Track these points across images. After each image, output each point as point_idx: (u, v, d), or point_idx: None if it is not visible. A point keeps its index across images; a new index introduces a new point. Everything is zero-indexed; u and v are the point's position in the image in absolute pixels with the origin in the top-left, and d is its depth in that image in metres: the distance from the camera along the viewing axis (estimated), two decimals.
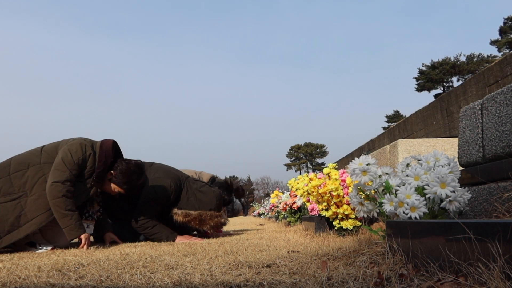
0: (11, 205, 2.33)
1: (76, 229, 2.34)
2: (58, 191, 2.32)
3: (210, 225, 2.90)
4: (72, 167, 2.39)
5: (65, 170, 2.37)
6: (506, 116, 1.49)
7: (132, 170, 2.58)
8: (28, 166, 2.44)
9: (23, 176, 2.40)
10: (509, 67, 9.31)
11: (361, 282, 0.97)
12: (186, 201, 2.89)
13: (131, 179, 2.57)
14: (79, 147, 2.46)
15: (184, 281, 1.12)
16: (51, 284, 1.15)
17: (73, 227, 2.33)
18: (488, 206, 1.46)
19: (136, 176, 2.60)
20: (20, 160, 2.46)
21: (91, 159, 2.49)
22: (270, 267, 1.28)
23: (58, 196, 2.31)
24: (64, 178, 2.35)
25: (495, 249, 0.76)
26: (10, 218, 2.31)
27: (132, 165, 2.59)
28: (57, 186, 2.32)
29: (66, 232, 2.33)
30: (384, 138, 17.01)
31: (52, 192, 2.31)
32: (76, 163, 2.41)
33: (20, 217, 2.33)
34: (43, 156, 2.48)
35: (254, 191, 60.60)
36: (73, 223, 2.33)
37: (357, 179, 1.44)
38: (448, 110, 12.18)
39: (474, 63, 33.56)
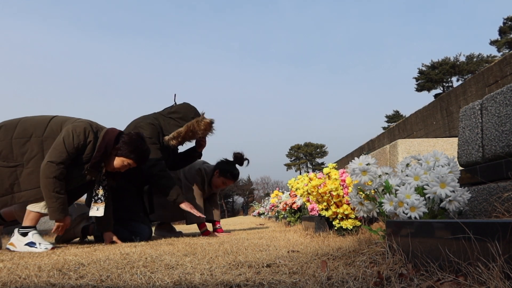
0: (8, 171, 2.39)
1: (58, 212, 2.38)
2: (51, 171, 2.34)
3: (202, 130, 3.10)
4: (70, 149, 2.41)
5: (63, 151, 2.38)
6: (505, 116, 1.49)
7: (135, 138, 2.59)
8: (31, 136, 2.46)
9: (24, 145, 2.43)
10: (508, 67, 9.31)
11: (361, 282, 0.97)
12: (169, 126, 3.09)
13: (137, 146, 2.57)
14: (83, 131, 2.46)
15: (184, 280, 1.12)
16: (51, 284, 1.15)
17: (55, 209, 2.37)
18: (487, 206, 1.46)
19: (140, 143, 2.60)
20: (25, 127, 2.48)
21: (91, 146, 2.49)
22: (270, 267, 1.28)
23: (49, 177, 2.34)
24: (60, 160, 2.37)
25: (495, 249, 0.76)
26: (5, 183, 2.38)
27: (134, 134, 2.61)
28: (51, 167, 2.34)
29: (49, 212, 2.39)
30: (384, 138, 17.02)
31: (45, 171, 2.34)
32: (75, 147, 2.42)
33: (14, 185, 2.40)
34: (48, 129, 2.49)
35: (254, 191, 60.58)
36: (57, 206, 2.37)
37: (357, 179, 1.44)
38: (448, 110, 12.18)
39: (473, 63, 33.57)
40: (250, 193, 60.12)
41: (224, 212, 56.15)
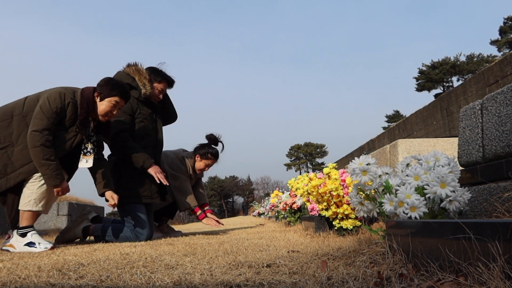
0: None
1: (53, 178, 2.40)
2: (36, 140, 2.35)
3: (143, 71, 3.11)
4: (50, 115, 2.41)
5: (43, 118, 2.39)
6: (506, 116, 1.49)
7: (109, 78, 2.65)
8: (12, 116, 2.47)
9: (8, 126, 2.45)
10: (509, 67, 9.31)
11: (361, 282, 0.97)
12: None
13: (115, 83, 2.63)
14: (58, 95, 2.46)
15: (184, 281, 1.12)
16: (51, 284, 1.15)
17: (49, 176, 2.39)
18: (488, 206, 1.46)
19: (116, 80, 2.67)
20: (5, 111, 2.49)
21: (71, 108, 2.50)
22: (270, 267, 1.28)
23: (36, 145, 2.35)
24: (42, 127, 2.38)
25: (495, 249, 0.76)
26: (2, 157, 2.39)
27: (106, 78, 2.67)
28: (35, 136, 2.36)
29: (45, 180, 2.42)
30: (384, 138, 17.01)
31: (31, 141, 2.36)
32: (54, 112, 2.43)
33: (7, 166, 2.40)
34: (25, 106, 2.50)
35: (254, 191, 60.59)
36: (50, 172, 2.39)
37: (357, 179, 1.44)
38: (448, 110, 12.18)
39: (474, 63, 33.55)
40: (250, 193, 60.13)
41: (224, 212, 56.17)
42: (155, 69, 3.27)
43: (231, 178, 60.40)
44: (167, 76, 3.29)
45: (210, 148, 3.72)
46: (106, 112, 2.61)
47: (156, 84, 3.23)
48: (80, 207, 7.39)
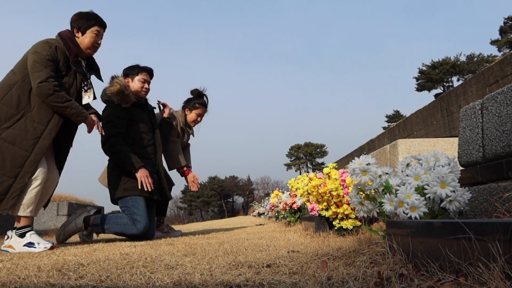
0: (20, 124, 2.40)
1: (81, 115, 2.50)
2: (47, 88, 2.36)
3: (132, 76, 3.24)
4: (45, 64, 2.41)
5: (41, 69, 2.39)
6: (506, 116, 1.49)
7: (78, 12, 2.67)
8: (11, 87, 2.45)
9: (12, 97, 2.43)
10: (509, 66, 9.30)
11: (361, 282, 0.97)
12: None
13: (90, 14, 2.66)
14: (43, 44, 2.48)
15: (184, 281, 1.12)
16: (51, 284, 1.15)
17: (77, 113, 2.48)
18: (488, 206, 1.46)
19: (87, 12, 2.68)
20: (0, 87, 2.49)
21: (59, 52, 2.51)
22: (270, 267, 1.28)
23: (49, 94, 2.37)
24: (46, 76, 2.38)
25: (495, 249, 0.76)
26: (28, 133, 2.40)
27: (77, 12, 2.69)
28: (44, 86, 2.36)
29: (74, 120, 2.52)
30: (384, 138, 17.01)
31: (42, 92, 2.37)
32: (48, 59, 2.43)
33: (37, 129, 2.42)
34: (17, 73, 2.49)
35: (254, 191, 60.59)
36: (76, 111, 2.47)
37: (357, 179, 1.44)
38: (448, 110, 12.18)
39: (474, 63, 33.54)
40: (250, 193, 60.13)
41: (224, 212, 56.18)
42: (128, 67, 3.35)
43: (231, 178, 60.41)
44: (141, 66, 3.36)
45: (196, 99, 3.87)
46: (91, 43, 2.65)
47: (136, 78, 3.29)
48: (80, 207, 7.39)
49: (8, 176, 2.36)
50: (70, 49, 2.55)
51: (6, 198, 2.36)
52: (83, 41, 2.63)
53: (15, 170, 2.37)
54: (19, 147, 2.38)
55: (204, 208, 57.42)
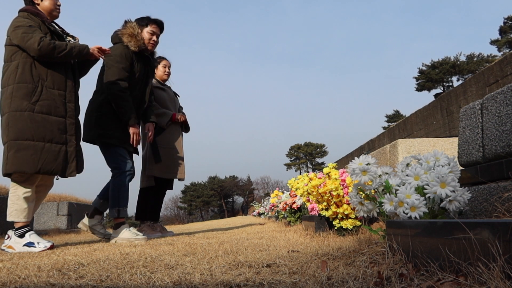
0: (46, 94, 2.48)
1: (84, 47, 2.60)
2: (47, 44, 2.43)
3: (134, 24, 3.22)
4: (31, 29, 2.46)
5: (31, 35, 2.43)
6: (506, 116, 1.49)
7: None
8: (17, 67, 2.47)
9: (24, 74, 2.45)
10: (509, 66, 9.31)
11: (361, 282, 0.97)
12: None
13: None
14: (17, 19, 2.53)
15: (184, 280, 1.12)
16: (51, 284, 1.15)
17: (81, 48, 2.58)
18: (488, 206, 1.46)
19: None
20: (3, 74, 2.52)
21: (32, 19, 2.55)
22: (270, 267, 1.28)
23: (52, 48, 2.44)
24: (39, 36, 2.43)
25: (495, 249, 0.76)
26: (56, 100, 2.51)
27: None
28: (43, 44, 2.42)
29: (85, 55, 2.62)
30: (384, 137, 17.02)
31: (45, 51, 2.43)
32: (29, 26, 2.47)
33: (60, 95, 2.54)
34: (6, 55, 2.53)
35: (254, 191, 60.60)
36: (79, 47, 2.58)
37: (357, 178, 1.44)
38: (448, 110, 12.18)
39: (474, 62, 33.53)
40: (250, 193, 60.12)
41: (224, 212, 56.18)
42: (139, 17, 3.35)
43: (231, 178, 60.40)
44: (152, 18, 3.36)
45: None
46: (53, 5, 2.68)
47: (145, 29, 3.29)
48: (80, 207, 7.39)
49: (61, 143, 2.48)
50: (39, 17, 2.58)
51: (68, 163, 2.51)
52: (44, 6, 2.66)
53: (62, 136, 2.49)
54: (55, 116, 2.48)
55: (204, 208, 57.42)
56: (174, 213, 55.92)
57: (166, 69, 3.97)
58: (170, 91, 4.04)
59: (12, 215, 2.43)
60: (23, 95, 2.40)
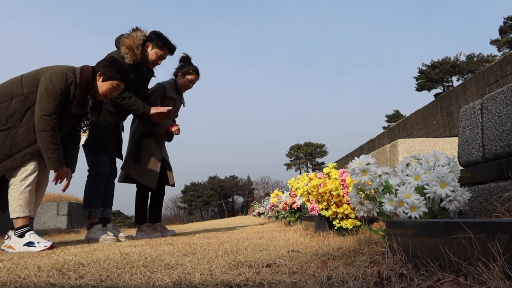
0: (2, 135, 2.40)
1: (57, 163, 2.47)
2: (46, 124, 2.39)
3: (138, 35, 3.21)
4: (56, 97, 2.43)
5: (49, 101, 2.41)
6: (506, 116, 1.49)
7: (113, 60, 2.69)
8: (12, 97, 2.45)
9: (9, 107, 2.44)
10: (509, 66, 9.31)
11: (361, 282, 0.97)
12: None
13: (118, 66, 2.68)
14: (60, 75, 2.48)
15: (184, 280, 1.12)
16: (51, 284, 1.15)
17: (54, 160, 2.45)
18: (488, 205, 1.46)
19: (120, 62, 2.72)
20: (1, 91, 2.48)
21: (74, 85, 2.52)
22: (270, 267, 1.28)
23: (45, 130, 2.39)
24: (51, 111, 2.41)
25: (495, 249, 0.76)
26: (2, 148, 2.40)
27: (109, 57, 2.71)
28: (45, 120, 2.39)
29: (48, 163, 2.46)
30: (384, 137, 17.01)
31: (40, 125, 2.39)
32: (60, 93, 2.44)
33: (12, 147, 2.42)
34: (24, 86, 2.49)
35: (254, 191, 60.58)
36: (55, 157, 2.45)
37: (357, 178, 1.44)
38: (448, 110, 12.18)
39: (474, 62, 33.52)
40: (250, 193, 60.12)
41: (224, 212, 56.18)
42: (158, 34, 3.38)
43: (231, 178, 60.39)
44: (170, 43, 3.42)
45: (190, 65, 3.85)
46: (106, 93, 2.68)
47: (156, 49, 3.35)
48: (80, 207, 7.39)
49: None
50: (80, 90, 2.54)
51: None
52: (100, 87, 2.65)
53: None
54: None
55: (204, 208, 57.41)
56: (174, 213, 55.90)
57: (190, 84, 3.89)
58: (180, 101, 3.99)
59: (16, 210, 2.43)
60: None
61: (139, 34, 3.21)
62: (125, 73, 2.72)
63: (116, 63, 2.70)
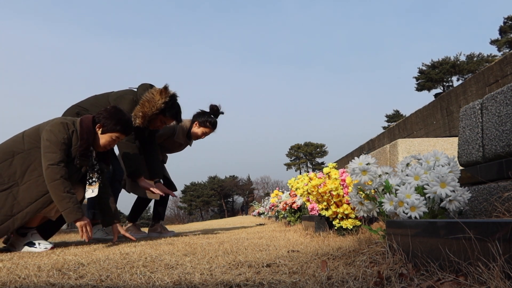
0: (3, 195, 2.32)
1: (75, 212, 2.34)
2: (55, 173, 2.31)
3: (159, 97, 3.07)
4: (60, 147, 2.38)
5: (55, 151, 2.36)
6: (506, 116, 1.49)
7: (114, 111, 2.58)
8: (13, 154, 2.41)
9: (10, 165, 2.38)
10: (509, 66, 9.31)
11: (361, 282, 0.97)
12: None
13: (119, 118, 2.56)
14: (61, 126, 2.44)
15: (184, 280, 1.12)
16: (51, 284, 1.15)
17: (71, 210, 2.33)
18: (488, 205, 1.46)
19: (122, 114, 2.60)
20: (3, 150, 2.44)
21: (75, 136, 2.47)
22: (270, 267, 1.28)
23: (56, 178, 2.30)
24: (58, 159, 2.34)
25: (495, 249, 0.76)
26: (2, 208, 2.31)
27: (111, 108, 2.60)
28: (54, 169, 2.32)
29: (65, 215, 2.34)
30: (384, 137, 17.02)
31: (49, 175, 2.31)
32: (63, 143, 2.39)
33: (13, 206, 2.32)
34: (26, 142, 2.45)
35: (254, 191, 60.59)
36: (72, 205, 2.33)
37: (357, 178, 1.44)
38: (448, 110, 12.18)
39: (474, 62, 33.53)
40: (250, 193, 60.12)
41: (224, 212, 56.18)
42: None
43: (231, 177, 60.41)
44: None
45: (209, 117, 3.76)
46: (105, 145, 2.59)
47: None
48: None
49: None
50: (82, 141, 2.47)
51: None
52: (100, 139, 2.57)
53: None
54: None
55: (204, 208, 57.43)
56: (174, 213, 55.92)
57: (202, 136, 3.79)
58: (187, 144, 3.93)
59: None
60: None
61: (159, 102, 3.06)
62: (126, 125, 2.60)
63: (117, 114, 2.58)
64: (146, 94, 3.07)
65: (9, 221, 2.31)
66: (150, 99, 3.05)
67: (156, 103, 3.06)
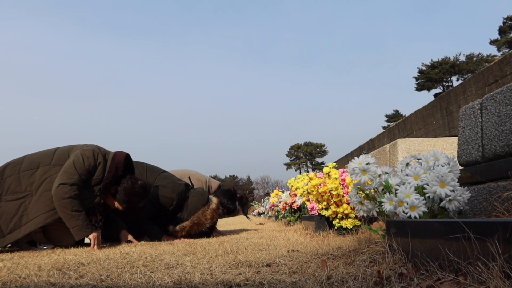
0: (16, 204, 2.33)
1: (84, 229, 2.32)
2: (64, 192, 2.28)
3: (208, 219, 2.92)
4: (82, 172, 2.36)
5: (74, 173, 2.34)
6: (505, 116, 1.49)
7: (136, 191, 2.50)
8: (38, 166, 2.44)
9: (32, 175, 2.40)
10: (508, 66, 9.31)
11: (361, 281, 0.97)
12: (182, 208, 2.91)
13: (131, 200, 2.50)
14: (92, 153, 2.43)
15: (184, 280, 1.13)
16: (51, 283, 1.16)
17: (80, 227, 2.30)
18: (487, 205, 1.47)
19: (138, 198, 2.52)
20: (32, 160, 2.47)
21: (101, 167, 2.46)
22: (270, 266, 1.28)
23: (64, 197, 2.27)
24: (72, 182, 2.32)
25: (495, 248, 0.76)
26: (14, 217, 2.31)
27: (138, 186, 2.51)
28: (64, 188, 2.29)
29: (74, 233, 2.31)
30: (383, 137, 17.02)
31: (58, 193, 2.28)
32: (86, 169, 2.38)
33: (23, 217, 2.32)
34: (54, 157, 2.48)
35: (254, 191, 60.61)
36: (81, 223, 2.30)
37: (357, 178, 1.44)
38: (448, 110, 12.19)
39: (473, 62, 33.53)
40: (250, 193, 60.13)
41: None
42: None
43: (231, 177, 60.41)
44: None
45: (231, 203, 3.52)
46: (109, 203, 2.58)
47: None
48: None
49: None
50: (109, 173, 2.46)
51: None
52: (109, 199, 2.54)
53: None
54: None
55: None
56: None
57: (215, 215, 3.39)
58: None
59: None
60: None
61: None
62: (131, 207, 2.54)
63: (133, 196, 2.50)
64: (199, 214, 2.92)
65: (16, 230, 2.31)
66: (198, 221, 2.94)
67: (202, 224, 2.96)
